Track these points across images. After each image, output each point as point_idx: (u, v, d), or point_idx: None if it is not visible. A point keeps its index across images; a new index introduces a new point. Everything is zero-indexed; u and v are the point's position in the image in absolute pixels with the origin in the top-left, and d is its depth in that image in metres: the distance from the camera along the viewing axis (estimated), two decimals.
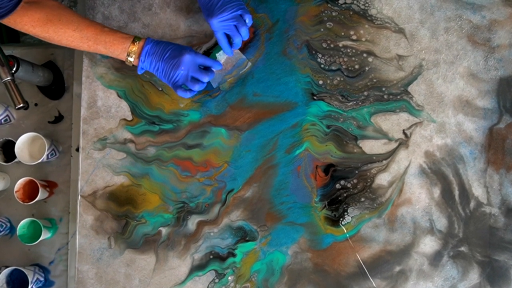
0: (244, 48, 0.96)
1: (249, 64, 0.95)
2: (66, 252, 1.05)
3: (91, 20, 0.87)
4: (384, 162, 0.93)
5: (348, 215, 0.93)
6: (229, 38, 0.90)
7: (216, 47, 0.95)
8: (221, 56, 0.94)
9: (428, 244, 0.92)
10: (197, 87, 0.88)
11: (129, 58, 0.87)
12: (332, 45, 0.95)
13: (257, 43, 0.96)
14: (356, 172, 0.93)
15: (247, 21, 0.88)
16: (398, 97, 0.94)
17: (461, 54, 0.94)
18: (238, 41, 0.90)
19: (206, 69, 0.91)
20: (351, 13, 0.95)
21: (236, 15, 0.87)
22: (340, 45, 0.95)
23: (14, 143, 1.01)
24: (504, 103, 0.93)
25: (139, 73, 0.90)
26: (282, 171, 0.94)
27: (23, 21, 0.82)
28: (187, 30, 0.98)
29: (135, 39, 0.87)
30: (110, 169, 0.97)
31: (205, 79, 0.89)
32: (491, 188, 0.92)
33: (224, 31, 0.88)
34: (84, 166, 0.98)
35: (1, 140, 1.04)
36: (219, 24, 0.87)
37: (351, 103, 0.94)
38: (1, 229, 1.06)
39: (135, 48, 0.87)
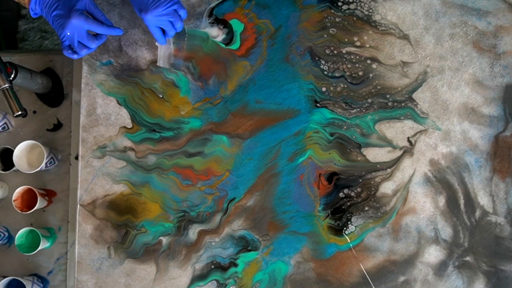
0: (246, 54, 0.95)
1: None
2: (65, 262, 1.04)
3: None
4: (388, 170, 0.92)
5: (352, 224, 0.91)
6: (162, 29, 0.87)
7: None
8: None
9: (433, 254, 0.90)
10: (84, 52, 0.83)
11: None
12: (335, 52, 0.94)
13: (259, 50, 0.95)
14: (360, 180, 0.92)
15: (182, 16, 0.85)
16: (403, 104, 0.92)
17: (467, 61, 0.92)
18: (172, 33, 0.87)
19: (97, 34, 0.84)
20: (354, 19, 0.94)
21: (171, 11, 0.83)
22: (344, 51, 0.94)
23: (12, 151, 1.00)
24: (510, 110, 0.91)
25: (32, 16, 0.84)
26: (284, 179, 0.93)
27: None
28: None
29: None
30: (110, 177, 0.96)
31: (92, 45, 0.83)
32: (497, 197, 0.91)
33: (159, 25, 0.85)
34: (83, 175, 0.97)
35: None
36: (153, 19, 0.83)
37: (354, 110, 0.93)
38: None
39: None
